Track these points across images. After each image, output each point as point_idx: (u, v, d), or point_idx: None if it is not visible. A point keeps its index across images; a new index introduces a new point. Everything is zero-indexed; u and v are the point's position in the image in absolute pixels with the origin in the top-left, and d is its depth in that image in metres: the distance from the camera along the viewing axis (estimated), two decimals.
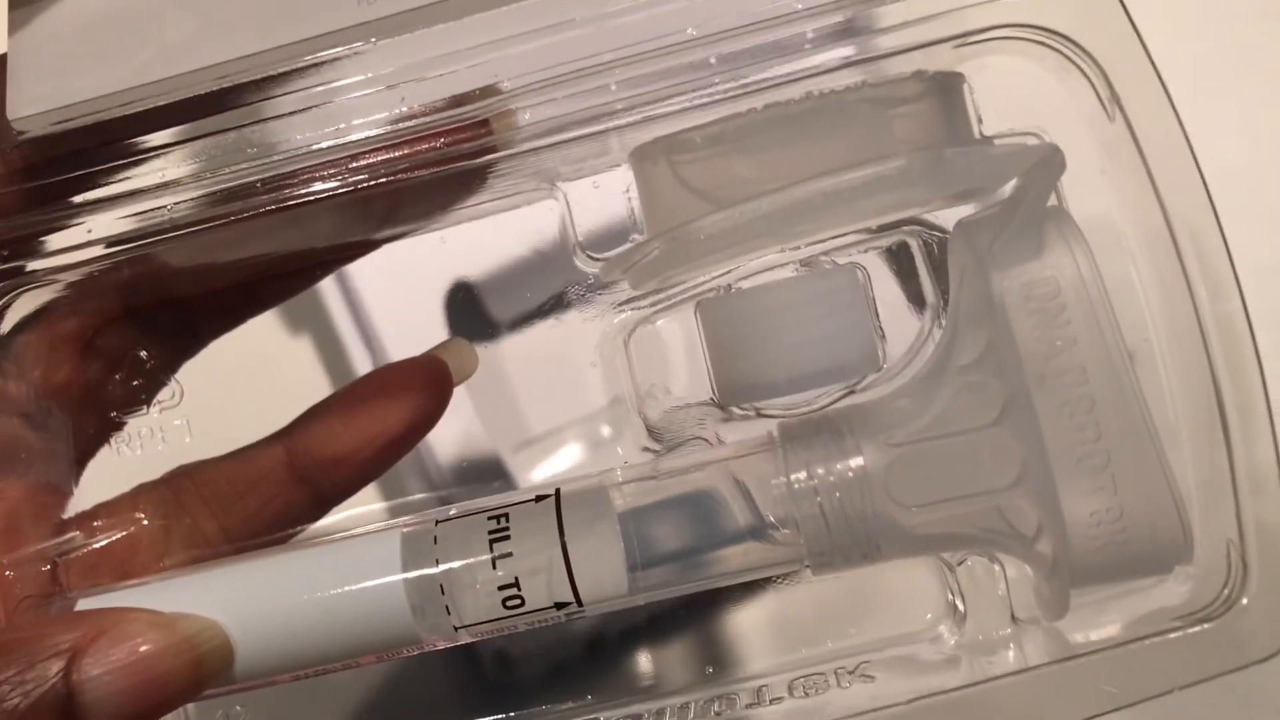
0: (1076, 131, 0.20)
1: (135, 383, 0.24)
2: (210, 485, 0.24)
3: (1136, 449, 0.19)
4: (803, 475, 0.20)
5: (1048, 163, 0.19)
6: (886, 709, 0.19)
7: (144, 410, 0.24)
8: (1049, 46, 0.20)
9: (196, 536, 0.24)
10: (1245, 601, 0.19)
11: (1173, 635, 0.19)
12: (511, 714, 0.24)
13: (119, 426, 0.25)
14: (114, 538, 0.23)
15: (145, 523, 0.24)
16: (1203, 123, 0.30)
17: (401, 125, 0.20)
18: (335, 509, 0.25)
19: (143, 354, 0.24)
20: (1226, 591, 0.19)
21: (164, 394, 0.25)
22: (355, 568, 0.20)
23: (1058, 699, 0.19)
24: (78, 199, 0.21)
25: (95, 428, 0.24)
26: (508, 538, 0.20)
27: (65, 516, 0.24)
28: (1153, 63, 0.19)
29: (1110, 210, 0.20)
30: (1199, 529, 0.20)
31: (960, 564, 0.22)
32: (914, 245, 0.22)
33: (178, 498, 0.24)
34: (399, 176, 0.21)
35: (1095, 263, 0.19)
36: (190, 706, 0.25)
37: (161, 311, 0.24)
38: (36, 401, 0.23)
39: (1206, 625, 0.19)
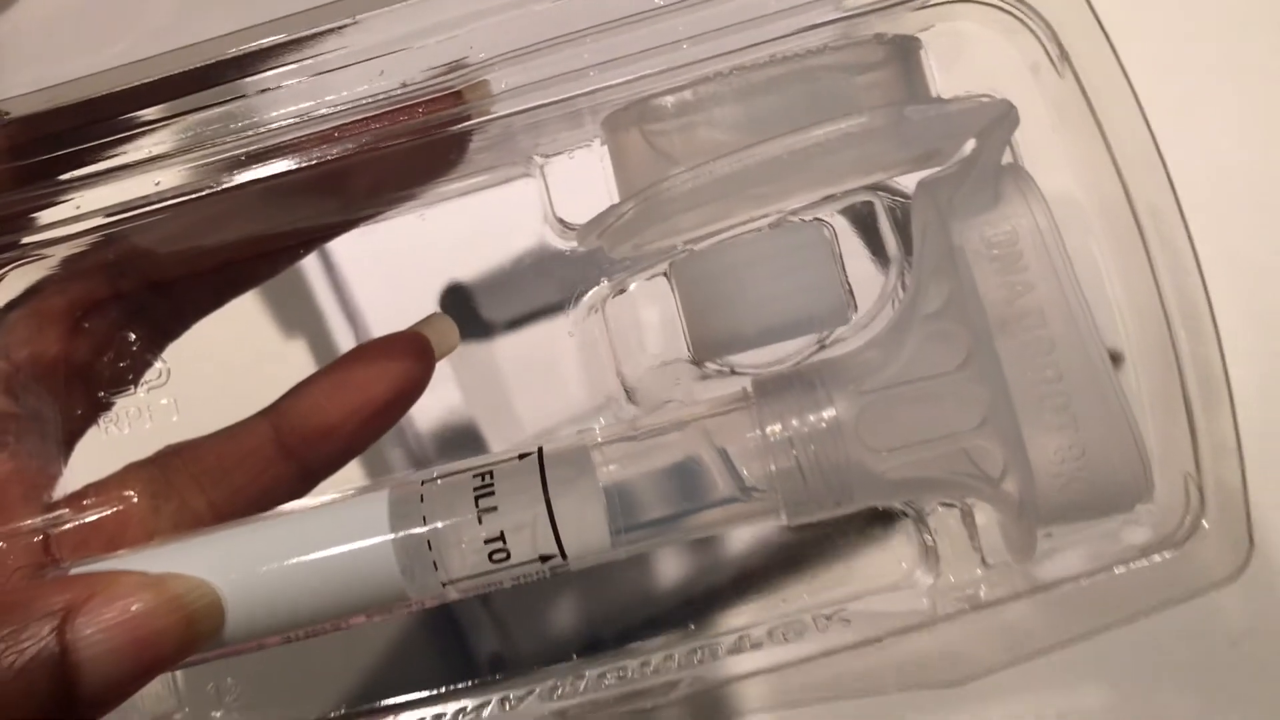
0: (1028, 90, 0.21)
1: (122, 364, 0.25)
2: (199, 463, 0.25)
3: (1095, 388, 0.20)
4: (777, 428, 0.21)
5: (1002, 119, 0.20)
6: (862, 645, 0.19)
7: (131, 390, 0.25)
8: (999, 8, 0.20)
9: (185, 513, 0.24)
10: (1206, 525, 0.19)
11: (1137, 565, 0.20)
12: (498, 676, 0.25)
13: (107, 406, 0.25)
14: (104, 514, 0.24)
15: (135, 500, 0.24)
16: (1202, 123, 0.31)
17: (380, 97, 0.21)
18: (321, 485, 0.25)
19: (130, 335, 0.25)
20: (1188, 519, 0.20)
21: (151, 374, 0.25)
22: (344, 527, 0.21)
23: (1028, 631, 0.19)
24: (65, 176, 0.22)
25: (83, 408, 0.25)
26: (492, 494, 0.21)
27: (55, 496, 0.24)
28: (1098, 19, 0.19)
29: (1063, 166, 0.21)
30: (1158, 469, 0.20)
31: (931, 513, 0.23)
32: (879, 206, 0.23)
33: (166, 475, 0.24)
34: (378, 147, 0.22)
35: (1050, 213, 0.20)
36: (180, 680, 0.25)
37: (147, 294, 0.25)
38: (24, 381, 0.23)
39: (1170, 553, 0.20)
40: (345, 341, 0.27)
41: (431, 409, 0.26)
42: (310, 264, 0.27)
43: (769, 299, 0.21)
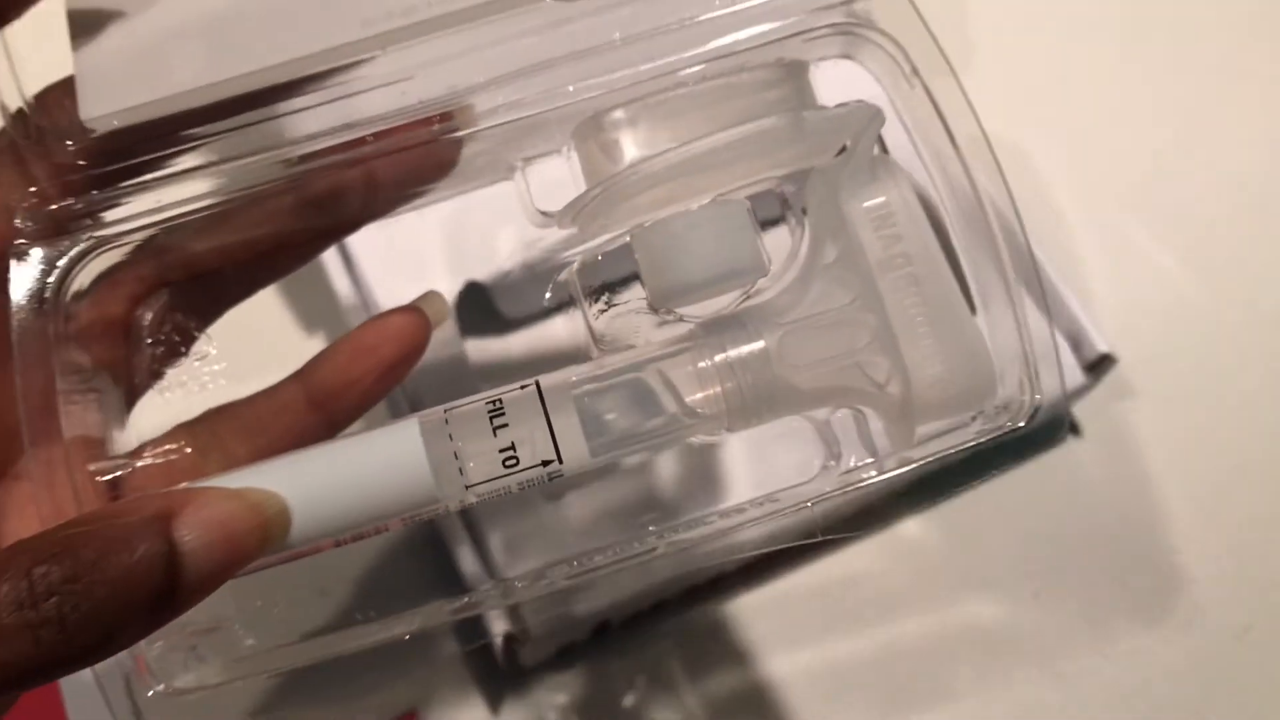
0: (890, 98, 0.28)
1: (175, 339, 0.30)
2: (239, 419, 0.30)
3: (951, 311, 0.27)
4: (720, 357, 0.28)
5: (873, 119, 0.28)
6: (790, 509, 0.26)
7: (181, 362, 0.30)
8: (865, 38, 0.28)
9: (229, 462, 0.29)
10: (1039, 398, 0.26)
11: (986, 441, 0.27)
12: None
13: (160, 375, 0.30)
14: (160, 462, 0.29)
15: (187, 452, 0.29)
16: (1203, 129, 0.34)
17: (400, 112, 0.27)
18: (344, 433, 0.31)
19: (179, 316, 0.30)
20: (1025, 408, 0.27)
21: (197, 349, 0.30)
22: (385, 448, 0.26)
23: (911, 494, 0.26)
24: (134, 181, 0.27)
25: (140, 375, 0.30)
26: (503, 414, 0.27)
27: (115, 452, 0.29)
28: (937, 43, 0.27)
29: (917, 153, 0.28)
30: (1002, 371, 0.28)
31: (836, 420, 0.29)
32: (785, 189, 0.30)
33: (212, 431, 0.29)
34: (393, 152, 0.28)
35: (911, 185, 0.27)
36: (229, 597, 0.29)
37: (193, 282, 0.30)
38: (94, 353, 0.28)
39: (1012, 431, 0.27)
40: (359, 316, 0.32)
41: (433, 366, 0.32)
42: (330, 255, 0.32)
43: (708, 257, 0.27)
